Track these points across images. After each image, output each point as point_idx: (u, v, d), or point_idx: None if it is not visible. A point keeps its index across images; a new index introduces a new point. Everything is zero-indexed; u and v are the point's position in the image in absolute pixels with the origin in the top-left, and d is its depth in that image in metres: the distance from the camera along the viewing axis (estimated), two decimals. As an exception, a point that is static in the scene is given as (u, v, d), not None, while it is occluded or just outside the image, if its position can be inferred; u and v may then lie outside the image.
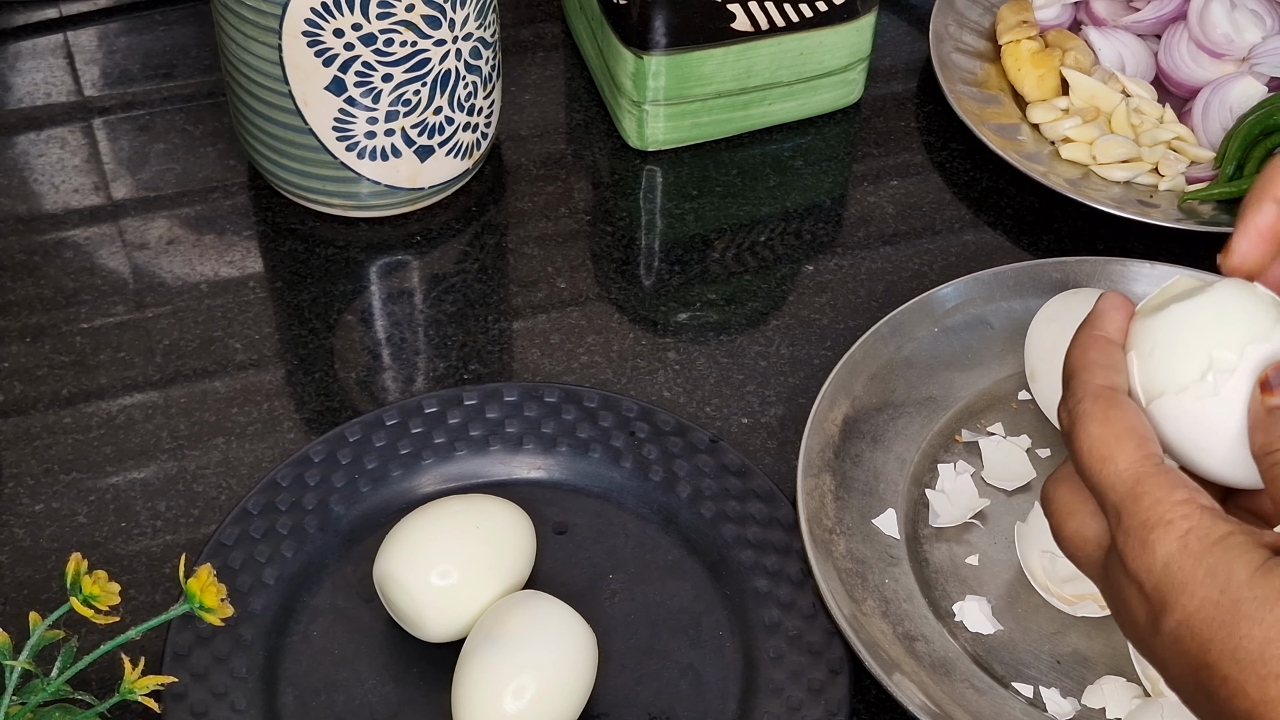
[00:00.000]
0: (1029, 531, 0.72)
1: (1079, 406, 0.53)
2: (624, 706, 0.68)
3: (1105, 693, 0.69)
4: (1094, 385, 0.53)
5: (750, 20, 0.85)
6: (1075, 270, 0.81)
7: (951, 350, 0.79)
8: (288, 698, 0.68)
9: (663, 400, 0.79)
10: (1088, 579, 0.71)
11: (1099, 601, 0.70)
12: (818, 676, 0.68)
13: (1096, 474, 0.52)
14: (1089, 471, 0.52)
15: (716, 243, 0.87)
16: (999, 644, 0.71)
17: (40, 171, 0.89)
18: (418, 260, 0.85)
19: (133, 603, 0.71)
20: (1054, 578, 0.71)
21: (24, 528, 0.74)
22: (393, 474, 0.74)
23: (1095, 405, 0.52)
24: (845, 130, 0.92)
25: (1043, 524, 0.71)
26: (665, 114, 0.88)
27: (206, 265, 0.85)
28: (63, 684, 0.59)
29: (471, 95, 0.83)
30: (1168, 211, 0.86)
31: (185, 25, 0.96)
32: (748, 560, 0.72)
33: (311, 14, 0.76)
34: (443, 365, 0.81)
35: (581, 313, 0.83)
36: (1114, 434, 0.51)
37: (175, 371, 0.80)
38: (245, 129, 0.84)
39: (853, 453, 0.75)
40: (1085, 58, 0.93)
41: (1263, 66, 0.91)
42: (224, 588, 0.58)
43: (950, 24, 0.94)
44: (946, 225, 0.88)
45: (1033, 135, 0.90)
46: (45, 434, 0.77)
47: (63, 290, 0.83)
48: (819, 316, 0.83)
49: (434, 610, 0.67)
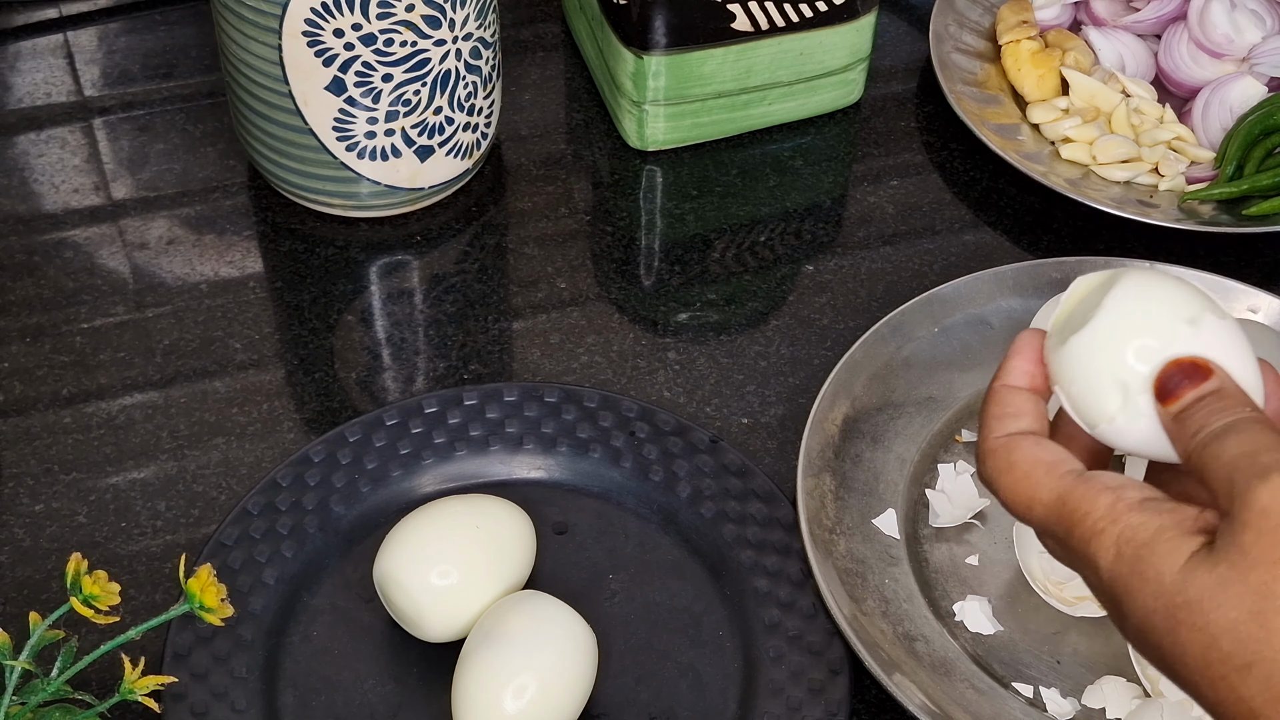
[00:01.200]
0: (1027, 532, 0.72)
1: (982, 468, 0.54)
2: (624, 706, 0.68)
3: (1105, 693, 0.69)
4: (989, 442, 0.54)
5: (750, 20, 0.85)
6: (1075, 270, 0.81)
7: (951, 350, 0.79)
8: (288, 698, 0.68)
9: (663, 400, 0.79)
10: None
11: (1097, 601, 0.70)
12: (818, 676, 0.68)
13: (1029, 519, 0.53)
14: (1023, 519, 0.53)
15: (716, 243, 0.87)
16: (999, 644, 0.71)
17: (40, 171, 0.89)
18: (418, 260, 0.85)
19: (133, 603, 0.71)
20: (1053, 578, 0.71)
21: (24, 528, 0.74)
22: (393, 474, 0.74)
23: (994, 459, 0.54)
24: (845, 130, 0.92)
25: None
26: (665, 114, 0.88)
27: (206, 265, 0.85)
28: (63, 684, 0.59)
29: (471, 95, 0.83)
30: (1168, 211, 0.86)
31: (185, 25, 0.96)
32: (748, 560, 0.72)
33: (311, 14, 0.76)
34: (443, 365, 0.81)
35: (581, 313, 0.83)
36: (1021, 476, 0.52)
37: (175, 371, 0.80)
38: (245, 129, 0.84)
39: (853, 453, 0.75)
40: (1085, 58, 0.93)
41: (1263, 66, 0.91)
42: (224, 588, 0.58)
43: (950, 24, 0.94)
44: (946, 225, 0.88)
45: (1033, 135, 0.90)
46: (45, 434, 0.77)
47: (63, 290, 0.83)
48: (819, 316, 0.83)
49: (434, 610, 0.67)
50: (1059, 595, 0.71)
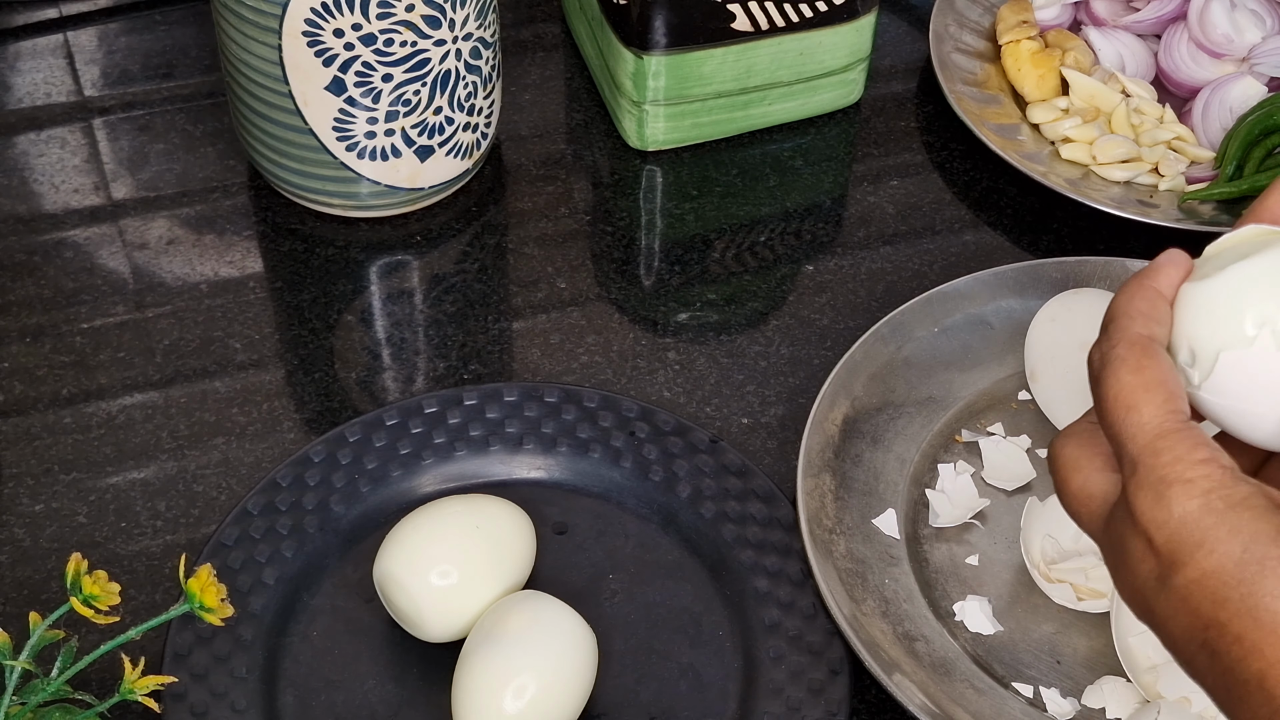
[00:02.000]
0: (1041, 511, 0.71)
1: (1113, 351, 0.51)
2: (624, 706, 0.68)
3: (1105, 693, 0.69)
4: (1132, 332, 0.51)
5: (750, 20, 0.85)
6: (1075, 270, 0.81)
7: (951, 350, 0.79)
8: (288, 698, 0.68)
9: (663, 400, 0.79)
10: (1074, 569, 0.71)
11: (1079, 591, 0.71)
12: (818, 676, 0.68)
13: (1119, 422, 0.51)
14: (1111, 419, 0.51)
15: (716, 243, 0.87)
16: (999, 644, 0.71)
17: (40, 171, 0.89)
18: (418, 260, 0.85)
19: (133, 603, 0.71)
20: (1047, 558, 0.71)
21: (24, 528, 0.74)
22: (393, 474, 0.74)
23: (1130, 352, 0.51)
24: (845, 130, 0.92)
25: (1055, 509, 0.71)
26: (665, 114, 0.88)
27: (206, 265, 0.85)
28: (63, 684, 0.59)
29: (471, 95, 0.83)
30: (1168, 211, 0.86)
31: (185, 25, 0.96)
32: (748, 560, 0.72)
33: (311, 14, 0.76)
34: (443, 365, 0.81)
35: (581, 313, 0.83)
36: (1144, 383, 0.50)
37: (175, 371, 0.80)
38: (245, 129, 0.84)
39: (853, 453, 0.75)
40: (1085, 58, 0.93)
41: (1263, 66, 0.91)
42: (224, 588, 0.58)
43: (950, 24, 0.94)
44: (946, 225, 0.88)
45: (1033, 135, 0.90)
46: (45, 434, 0.77)
47: (63, 290, 0.83)
48: (819, 316, 0.83)
49: (434, 610, 0.67)
50: (1044, 574, 0.71)
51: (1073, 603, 0.70)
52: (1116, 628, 0.68)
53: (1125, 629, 0.68)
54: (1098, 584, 0.71)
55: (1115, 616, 0.69)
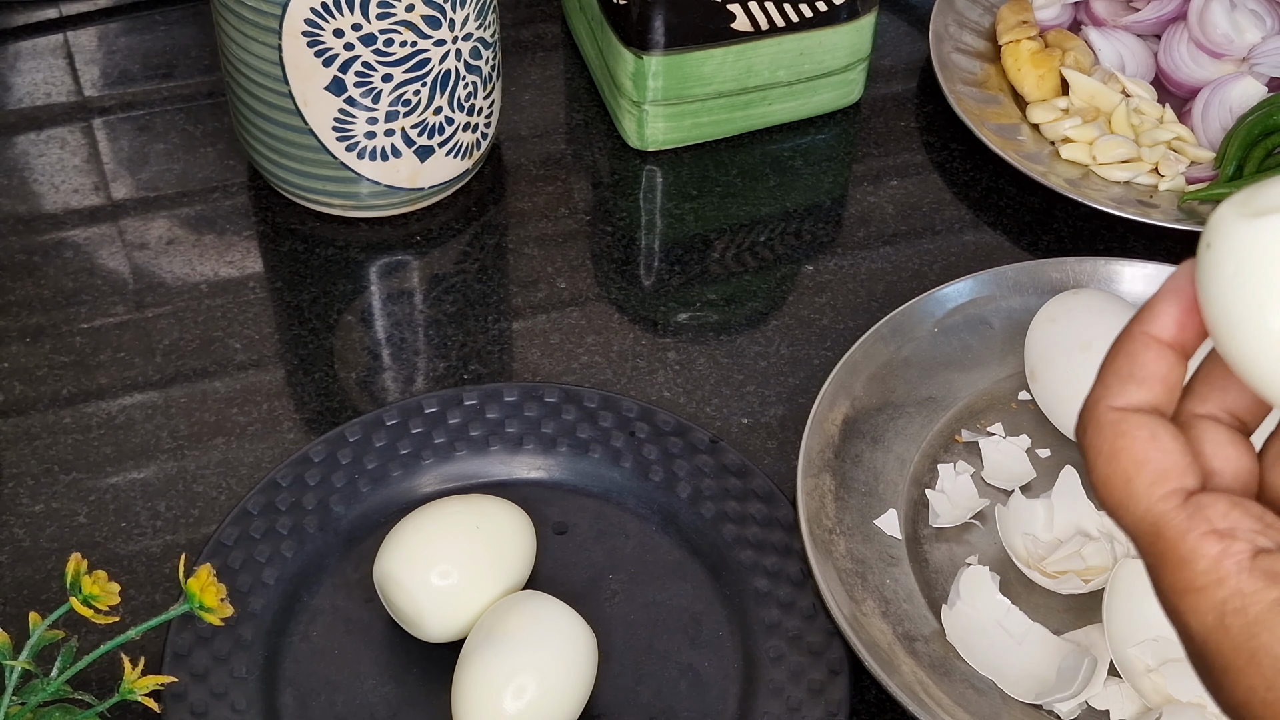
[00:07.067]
0: (1009, 515, 0.72)
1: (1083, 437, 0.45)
2: (624, 706, 0.68)
3: (1106, 693, 0.69)
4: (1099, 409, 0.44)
5: (750, 20, 0.85)
6: (1075, 270, 0.81)
7: (951, 350, 0.79)
8: (288, 698, 0.68)
9: (663, 400, 0.79)
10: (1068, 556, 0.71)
11: (1082, 575, 0.71)
12: (818, 676, 0.68)
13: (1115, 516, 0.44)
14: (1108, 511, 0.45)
15: (716, 243, 0.87)
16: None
17: (40, 171, 0.89)
18: (418, 260, 0.85)
19: (133, 603, 0.71)
20: (1035, 555, 0.71)
21: (24, 528, 0.74)
22: (393, 474, 0.74)
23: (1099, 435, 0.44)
24: (845, 130, 0.92)
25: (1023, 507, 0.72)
26: (665, 114, 0.88)
27: (206, 265, 0.85)
28: (63, 684, 0.59)
29: (471, 95, 0.83)
30: (1168, 211, 0.86)
31: (185, 25, 0.96)
32: (748, 560, 0.72)
33: (311, 14, 0.76)
34: (443, 365, 0.81)
35: (581, 313, 0.83)
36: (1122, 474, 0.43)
37: (175, 371, 0.80)
38: (245, 129, 0.84)
39: (853, 453, 0.75)
40: (1085, 58, 0.93)
41: (1263, 66, 0.91)
42: (224, 588, 0.58)
43: (950, 24, 0.94)
44: (946, 225, 0.88)
45: (1033, 135, 0.90)
46: (45, 434, 0.77)
47: (63, 290, 0.83)
48: (819, 316, 0.83)
49: (434, 610, 0.67)
50: (1040, 570, 0.71)
51: (1081, 587, 0.70)
52: (1111, 637, 0.68)
53: (1121, 640, 0.68)
54: (1094, 560, 0.71)
55: (1108, 624, 0.68)
